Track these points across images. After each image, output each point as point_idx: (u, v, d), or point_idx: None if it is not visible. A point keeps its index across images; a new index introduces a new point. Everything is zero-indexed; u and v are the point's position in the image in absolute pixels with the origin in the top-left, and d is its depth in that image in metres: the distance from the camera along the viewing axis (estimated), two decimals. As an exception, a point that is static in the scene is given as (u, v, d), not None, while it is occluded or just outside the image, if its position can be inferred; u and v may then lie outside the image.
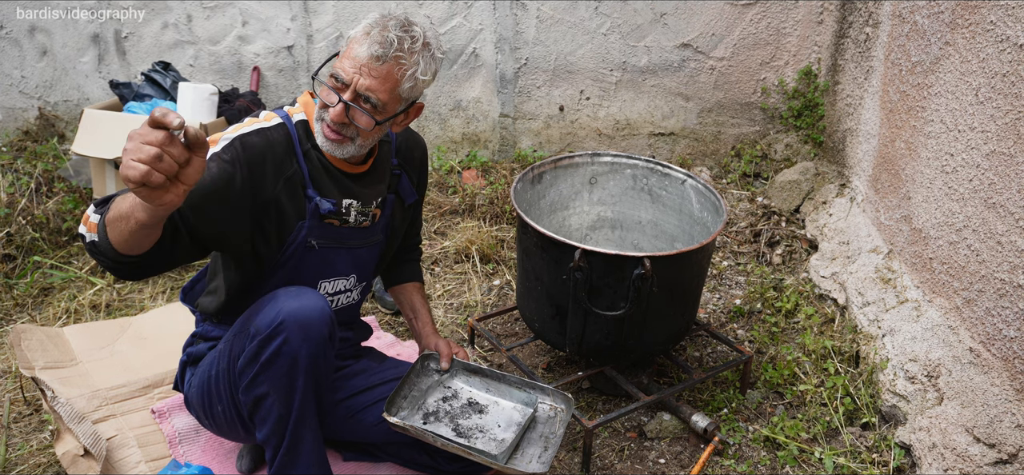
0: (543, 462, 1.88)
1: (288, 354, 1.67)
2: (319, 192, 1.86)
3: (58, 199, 3.51)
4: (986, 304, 2.16)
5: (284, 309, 1.66)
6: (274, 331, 1.66)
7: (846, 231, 3.21)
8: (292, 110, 1.89)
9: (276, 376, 1.69)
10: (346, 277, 2.01)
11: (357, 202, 1.93)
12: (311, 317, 1.67)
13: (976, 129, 2.28)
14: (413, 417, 1.97)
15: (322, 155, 1.87)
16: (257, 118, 1.84)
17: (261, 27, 4.12)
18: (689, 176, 2.72)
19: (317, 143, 1.85)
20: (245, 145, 1.75)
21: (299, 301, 1.68)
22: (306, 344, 1.67)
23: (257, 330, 1.68)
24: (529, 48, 4.09)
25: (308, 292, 1.72)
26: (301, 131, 1.86)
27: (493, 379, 2.11)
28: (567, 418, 2.02)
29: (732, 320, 3.04)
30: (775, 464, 2.30)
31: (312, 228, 1.87)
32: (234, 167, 1.71)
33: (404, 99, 1.82)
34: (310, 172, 1.85)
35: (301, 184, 1.84)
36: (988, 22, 2.24)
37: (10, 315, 2.97)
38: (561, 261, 2.24)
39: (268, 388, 1.71)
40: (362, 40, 1.74)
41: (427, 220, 3.72)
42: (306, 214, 1.85)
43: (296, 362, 1.68)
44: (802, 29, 3.93)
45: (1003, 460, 1.99)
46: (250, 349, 1.69)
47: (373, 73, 1.73)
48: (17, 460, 2.21)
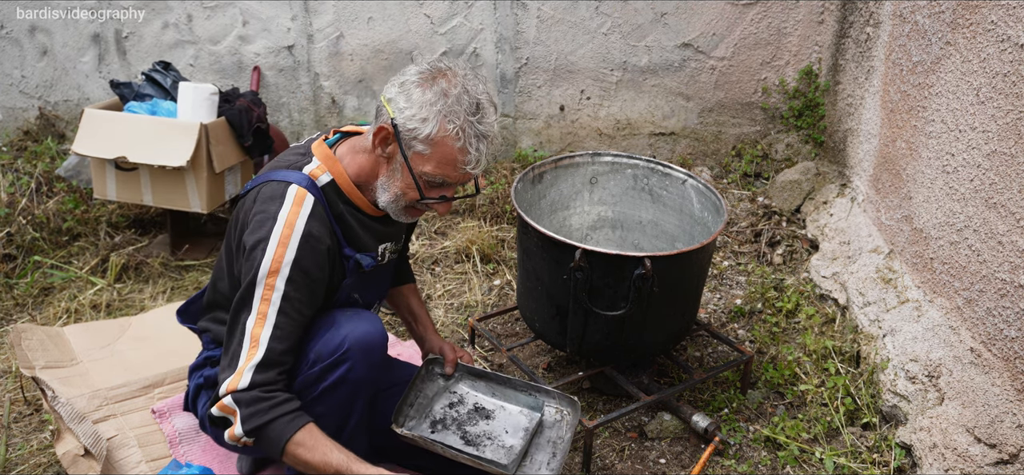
0: (552, 469, 1.88)
1: (353, 380, 1.68)
2: (356, 247, 1.84)
3: (58, 199, 3.51)
4: (987, 304, 2.16)
5: (350, 336, 1.66)
6: (340, 358, 1.67)
7: (847, 231, 3.21)
8: (314, 171, 1.79)
9: (337, 400, 1.71)
10: (372, 304, 2.01)
11: (391, 243, 1.94)
12: (373, 341, 1.69)
13: (977, 129, 2.28)
14: (421, 426, 1.97)
15: (355, 209, 1.84)
16: (288, 206, 1.71)
17: (261, 27, 4.12)
18: (690, 176, 2.72)
19: (349, 199, 1.81)
20: (307, 254, 1.70)
21: (362, 326, 1.69)
22: (369, 369, 1.69)
23: (319, 356, 1.68)
24: (529, 48, 4.09)
25: (366, 314, 1.73)
26: (331, 194, 1.79)
27: (498, 383, 2.10)
28: (574, 423, 2.01)
29: (733, 320, 3.04)
30: (775, 464, 2.29)
31: (354, 284, 1.86)
32: (306, 293, 1.69)
33: None
34: (345, 232, 1.82)
35: (338, 247, 1.81)
36: (989, 22, 2.24)
37: (10, 315, 2.97)
38: (561, 261, 2.24)
39: (325, 410, 1.72)
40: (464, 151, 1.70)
41: (427, 220, 3.72)
42: (347, 273, 1.83)
43: (359, 387, 1.70)
44: (803, 29, 3.93)
45: (1004, 460, 1.99)
46: (310, 375, 1.69)
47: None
48: (17, 460, 2.21)
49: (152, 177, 3.30)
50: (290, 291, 1.67)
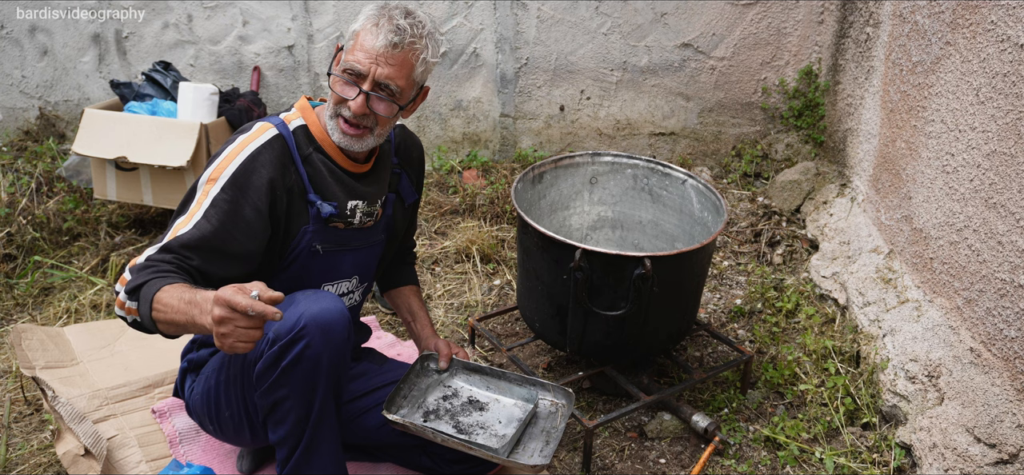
0: (544, 456, 1.88)
1: (311, 357, 1.67)
2: (322, 196, 1.86)
3: (58, 199, 3.52)
4: (987, 304, 2.16)
5: (306, 313, 1.66)
6: (296, 335, 1.65)
7: (847, 231, 3.21)
8: (289, 117, 1.88)
9: (298, 379, 1.69)
10: (349, 279, 2.01)
11: (363, 203, 1.93)
12: (332, 319, 1.67)
13: (977, 129, 2.28)
14: (413, 416, 1.97)
15: (327, 157, 1.87)
16: (249, 133, 1.82)
17: (262, 27, 4.13)
18: (690, 176, 2.72)
19: (321, 146, 1.86)
20: (245, 174, 1.76)
21: (319, 304, 1.68)
22: (328, 347, 1.68)
23: (277, 335, 1.67)
24: (530, 48, 4.10)
25: (326, 294, 1.72)
26: (301, 137, 1.86)
27: (493, 377, 2.11)
28: (568, 413, 2.02)
29: (733, 320, 3.04)
30: (775, 464, 2.30)
31: (316, 233, 1.87)
32: (237, 204, 1.73)
33: (416, 83, 1.86)
34: (311, 177, 1.85)
35: (302, 190, 1.83)
36: (989, 22, 2.24)
37: (11, 315, 2.97)
38: (562, 261, 2.24)
39: (288, 391, 1.71)
40: (372, 31, 1.77)
41: (427, 220, 3.72)
42: (309, 219, 1.85)
43: (318, 365, 1.68)
44: (803, 29, 3.93)
45: (1004, 460, 1.99)
46: (270, 354, 1.69)
47: (390, 61, 1.77)
48: (18, 460, 2.21)
49: (152, 177, 3.30)
50: (221, 199, 1.73)
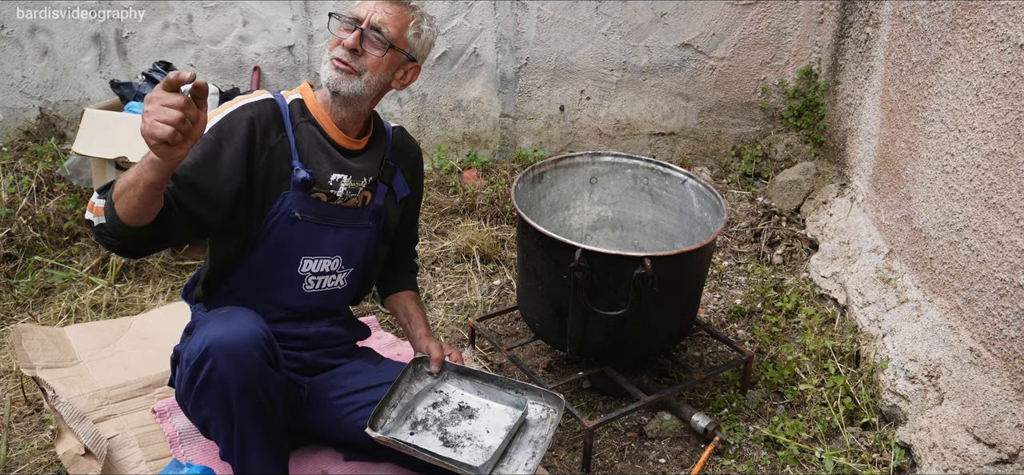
0: (528, 469, 1.85)
1: (218, 381, 1.65)
2: (306, 162, 1.90)
3: (59, 199, 3.52)
4: (986, 304, 2.16)
5: (210, 335, 1.64)
6: (202, 357, 1.65)
7: (846, 231, 3.21)
8: (288, 92, 1.97)
9: (212, 402, 1.69)
10: (331, 257, 2.00)
11: (348, 177, 1.95)
12: (238, 342, 1.64)
13: (976, 129, 2.28)
14: (400, 427, 1.95)
15: (318, 128, 1.92)
16: (247, 95, 1.92)
17: (262, 27, 4.13)
18: (689, 176, 2.72)
19: (314, 118, 1.92)
20: (230, 120, 1.83)
21: (226, 327, 1.65)
22: (235, 371, 1.65)
23: (190, 356, 1.67)
24: (530, 48, 4.10)
25: (239, 315, 1.70)
26: (295, 109, 1.93)
27: (484, 382, 2.08)
28: (557, 421, 1.98)
29: (732, 320, 3.04)
30: (775, 464, 2.30)
31: (296, 200, 1.89)
32: (219, 143, 1.79)
33: (409, 46, 1.93)
34: (299, 143, 1.90)
35: (286, 155, 1.88)
36: (988, 22, 2.24)
37: (11, 315, 2.97)
38: (561, 261, 2.24)
39: (209, 412, 1.72)
40: None
41: (427, 220, 3.72)
42: (290, 185, 1.89)
43: (226, 388, 1.66)
44: (802, 29, 3.93)
45: (1003, 460, 1.99)
46: (185, 374, 1.69)
47: (387, 9, 1.88)
48: (18, 460, 2.21)
49: (152, 177, 3.30)
50: (206, 139, 1.78)
